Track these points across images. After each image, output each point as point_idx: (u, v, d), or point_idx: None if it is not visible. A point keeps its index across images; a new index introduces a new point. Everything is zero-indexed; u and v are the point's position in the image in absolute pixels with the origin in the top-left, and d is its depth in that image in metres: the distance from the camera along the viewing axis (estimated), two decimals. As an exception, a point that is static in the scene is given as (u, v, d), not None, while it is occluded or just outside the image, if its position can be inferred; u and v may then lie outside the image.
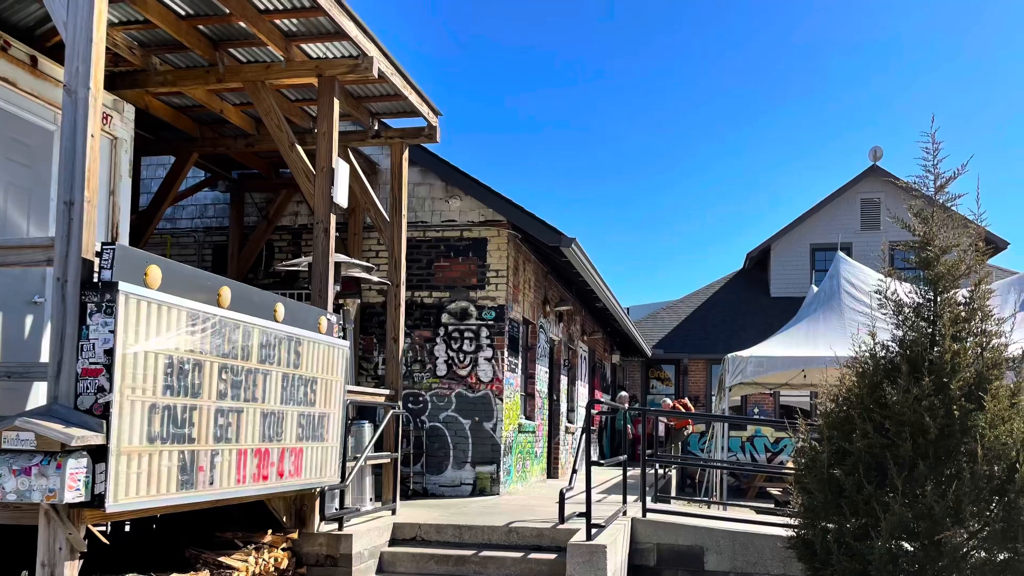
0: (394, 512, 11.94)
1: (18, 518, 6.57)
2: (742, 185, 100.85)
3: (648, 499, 12.33)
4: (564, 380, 22.17)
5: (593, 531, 10.20)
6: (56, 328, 6.49)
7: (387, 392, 12.34)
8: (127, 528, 7.79)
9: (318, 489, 9.94)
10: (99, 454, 6.30)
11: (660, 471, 17.51)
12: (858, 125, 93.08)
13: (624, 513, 11.93)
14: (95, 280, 6.48)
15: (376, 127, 12.91)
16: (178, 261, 7.94)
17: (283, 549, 9.68)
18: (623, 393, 29.98)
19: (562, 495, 10.97)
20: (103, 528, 7.00)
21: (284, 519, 9.81)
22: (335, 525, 10.19)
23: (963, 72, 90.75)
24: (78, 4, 6.77)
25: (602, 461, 20.51)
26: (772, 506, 16.64)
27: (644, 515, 12.00)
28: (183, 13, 10.07)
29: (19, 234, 8.50)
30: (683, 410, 26.99)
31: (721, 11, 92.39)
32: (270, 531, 9.69)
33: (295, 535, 9.90)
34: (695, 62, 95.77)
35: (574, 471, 11.76)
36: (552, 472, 20.80)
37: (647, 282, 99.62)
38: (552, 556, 10.47)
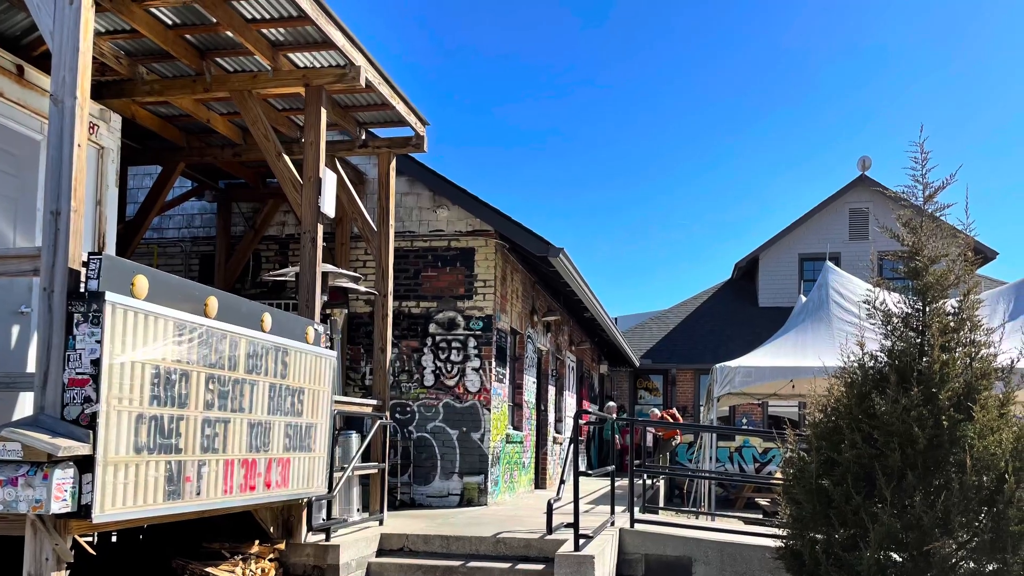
0: (381, 523, 11.91)
1: (5, 529, 6.53)
2: (730, 195, 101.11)
3: (636, 510, 12.33)
4: (552, 390, 22.16)
5: (581, 542, 10.18)
6: (43, 338, 6.46)
7: (374, 402, 12.31)
8: (114, 539, 7.74)
9: (305, 500, 9.90)
10: (86, 464, 6.27)
11: (648, 481, 17.49)
12: (847, 135, 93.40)
13: (612, 524, 11.91)
14: (82, 290, 6.45)
15: (363, 137, 12.89)
16: (165, 271, 7.90)
17: (270, 560, 9.65)
18: (611, 403, 29.96)
19: (550, 506, 10.94)
20: (90, 539, 6.95)
21: (271, 529, 9.77)
22: (322, 536, 10.15)
23: (952, 81, 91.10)
24: (65, 14, 6.75)
25: (590, 472, 20.51)
26: (760, 517, 16.63)
27: (632, 526, 11.99)
28: (170, 23, 10.05)
29: (5, 244, 8.46)
30: (671, 420, 27.01)
31: (709, 21, 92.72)
32: (257, 542, 9.65)
33: (282, 546, 9.86)
34: (683, 71, 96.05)
35: (562, 481, 11.74)
36: (540, 483, 20.77)
37: (635, 292, 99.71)
38: (540, 567, 10.45)
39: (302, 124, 11.65)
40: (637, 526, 12.01)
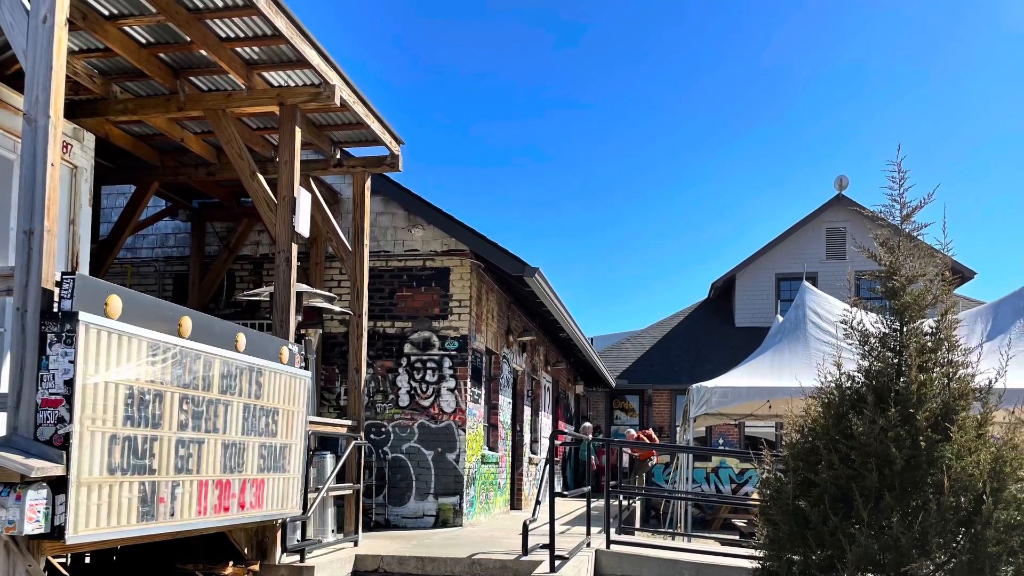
0: (356, 544, 11.83)
1: (-25, 551, 6.46)
2: (707, 214, 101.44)
3: (612, 531, 12.30)
4: (528, 411, 22.11)
5: (557, 563, 10.14)
6: (16, 358, 6.40)
7: (349, 423, 12.25)
8: (87, 560, 7.67)
9: (280, 520, 9.83)
10: (59, 485, 6.23)
11: (624, 502, 17.45)
12: (824, 154, 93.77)
13: (588, 545, 11.88)
14: (55, 310, 6.41)
15: (338, 156, 12.87)
16: (139, 291, 7.85)
17: (244, 582, 9.58)
18: (587, 424, 29.92)
19: (525, 527, 10.90)
20: (63, 560, 6.89)
21: (246, 551, 9.69)
22: (297, 557, 10.08)
23: (930, 101, 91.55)
24: (38, 33, 6.72)
25: (566, 492, 20.42)
26: (737, 538, 16.64)
27: (608, 547, 11.96)
28: (144, 41, 10.01)
29: (-24, 263, 8.39)
30: (647, 441, 26.96)
31: (686, 40, 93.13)
32: (231, 563, 9.58)
33: (256, 567, 9.78)
34: (660, 91, 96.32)
35: (538, 502, 11.71)
36: (515, 503, 20.70)
37: (611, 312, 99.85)
38: (517, 588, 10.42)
39: (276, 143, 11.62)
40: (613, 547, 11.98)
